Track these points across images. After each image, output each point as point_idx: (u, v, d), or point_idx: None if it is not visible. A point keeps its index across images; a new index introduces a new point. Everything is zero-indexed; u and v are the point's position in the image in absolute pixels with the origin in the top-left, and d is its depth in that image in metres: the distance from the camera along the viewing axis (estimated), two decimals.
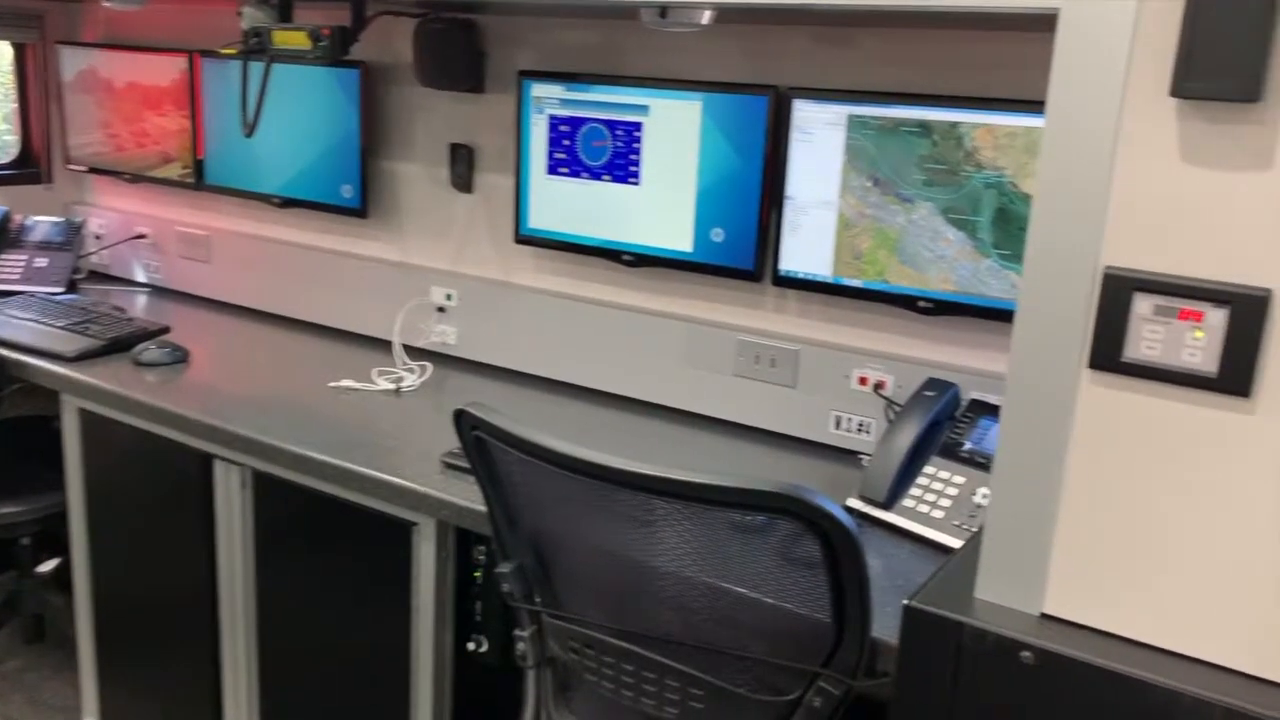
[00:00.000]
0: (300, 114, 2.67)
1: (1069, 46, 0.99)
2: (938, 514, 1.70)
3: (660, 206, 2.21)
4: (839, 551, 1.28)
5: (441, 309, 2.60)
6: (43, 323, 2.61)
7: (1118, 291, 0.98)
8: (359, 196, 2.65)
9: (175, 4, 2.88)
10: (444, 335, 2.60)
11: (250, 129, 2.27)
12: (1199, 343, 0.95)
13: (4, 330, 2.52)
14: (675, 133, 2.16)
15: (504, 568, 1.64)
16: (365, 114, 2.59)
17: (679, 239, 2.20)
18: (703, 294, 2.26)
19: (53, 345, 2.45)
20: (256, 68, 2.33)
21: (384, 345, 2.63)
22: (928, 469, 1.76)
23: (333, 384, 2.35)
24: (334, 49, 2.08)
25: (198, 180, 2.94)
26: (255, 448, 2.04)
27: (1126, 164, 0.98)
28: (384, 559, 1.95)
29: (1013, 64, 1.85)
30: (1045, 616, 1.07)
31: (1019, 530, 1.08)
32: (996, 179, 1.83)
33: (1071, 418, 1.03)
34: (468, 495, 1.82)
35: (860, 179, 1.97)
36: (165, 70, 2.94)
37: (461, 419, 1.54)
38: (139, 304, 2.99)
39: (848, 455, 2.08)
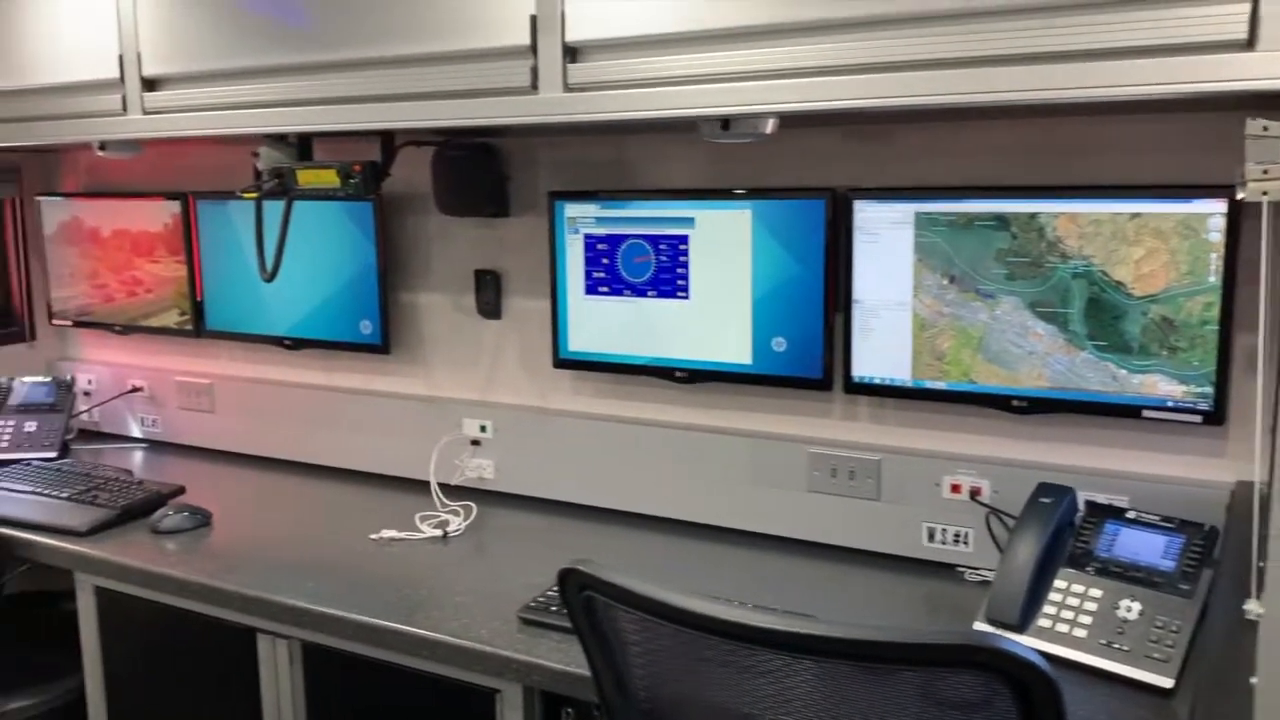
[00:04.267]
0: (311, 251, 2.54)
1: None
2: (1080, 633, 1.57)
3: (713, 319, 2.10)
4: (1038, 706, 1.15)
5: (476, 442, 2.45)
6: (45, 494, 2.42)
7: None
8: (379, 332, 2.51)
9: (160, 149, 2.76)
10: (481, 470, 2.45)
11: (271, 274, 2.14)
12: None
13: (7, 507, 2.32)
14: (724, 243, 2.06)
15: None
16: (382, 247, 2.47)
17: (737, 351, 2.09)
18: (765, 406, 2.15)
19: (61, 519, 2.26)
20: (271, 208, 2.22)
21: (415, 485, 2.48)
22: (1058, 583, 1.63)
23: (374, 536, 2.18)
24: (366, 185, 1.97)
25: (197, 327, 2.79)
26: (306, 618, 1.86)
27: None
28: None
29: (1091, 149, 1.79)
30: None
31: None
32: (1085, 268, 1.75)
33: None
34: (557, 656, 1.66)
35: (935, 277, 1.88)
36: (156, 215, 2.81)
37: (569, 579, 1.39)
38: (138, 461, 2.81)
39: (944, 569, 1.95)
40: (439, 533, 2.19)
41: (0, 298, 3.11)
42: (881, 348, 1.95)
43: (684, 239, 2.11)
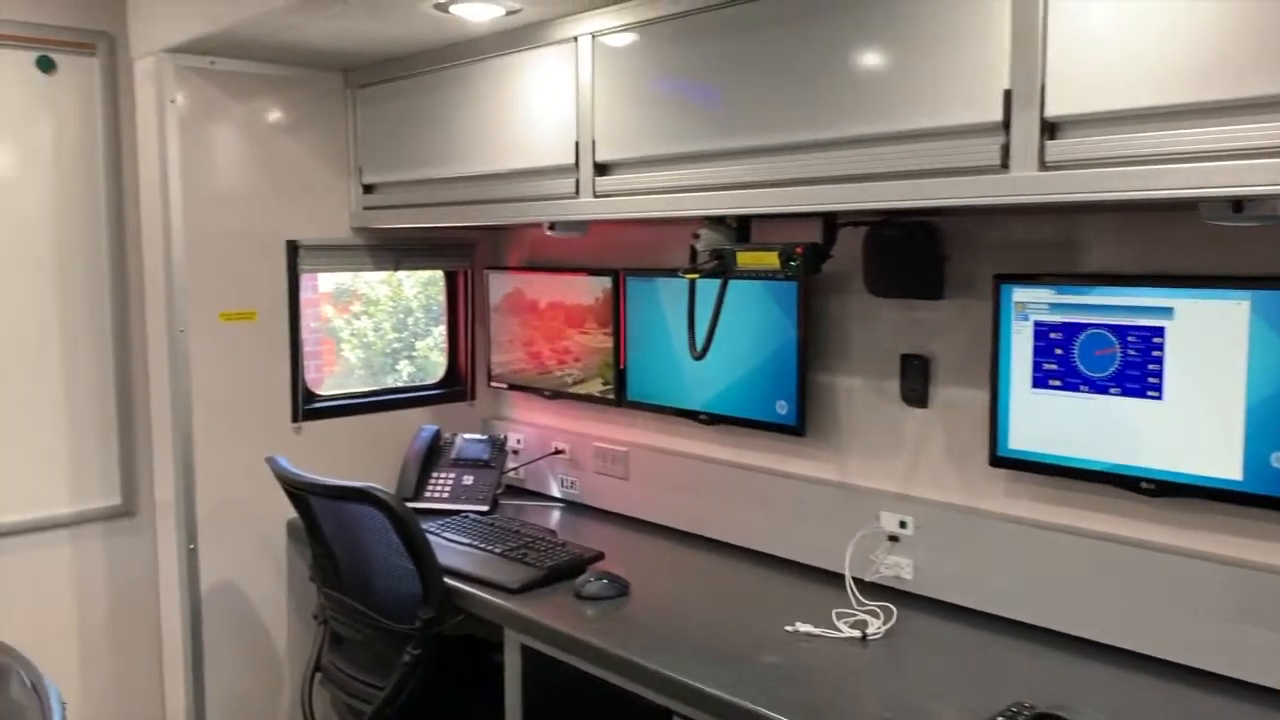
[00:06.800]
0: (732, 329, 2.54)
1: None
2: None
3: (1193, 425, 1.82)
4: None
5: (894, 538, 2.30)
6: (481, 548, 2.58)
7: None
8: (795, 413, 2.45)
9: (596, 227, 2.91)
10: (898, 568, 2.29)
11: (702, 352, 2.15)
12: None
13: (449, 557, 2.50)
14: (1212, 338, 1.79)
15: None
16: (803, 327, 2.42)
17: (1223, 465, 1.79)
18: (1258, 531, 1.82)
19: (496, 575, 2.39)
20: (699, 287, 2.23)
21: (826, 576, 2.37)
22: None
23: (789, 628, 2.09)
24: (807, 267, 1.92)
25: (618, 396, 2.89)
26: (727, 710, 1.80)
27: None
28: None
29: None
30: None
31: None
32: None
33: None
34: None
35: None
36: (589, 290, 2.96)
37: None
38: (557, 521, 2.94)
39: None
40: (857, 634, 2.06)
41: (449, 360, 3.43)
42: None
43: (1159, 331, 1.86)
